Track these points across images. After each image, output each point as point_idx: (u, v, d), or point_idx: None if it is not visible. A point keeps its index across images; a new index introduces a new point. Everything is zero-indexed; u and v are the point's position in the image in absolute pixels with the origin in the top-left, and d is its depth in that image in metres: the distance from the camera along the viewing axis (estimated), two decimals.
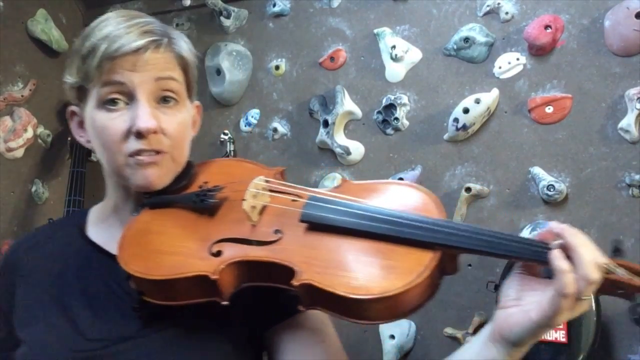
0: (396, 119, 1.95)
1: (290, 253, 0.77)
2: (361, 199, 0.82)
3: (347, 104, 2.01)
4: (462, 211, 1.88)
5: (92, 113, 0.86)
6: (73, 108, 0.92)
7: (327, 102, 2.05)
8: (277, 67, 2.15)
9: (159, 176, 0.87)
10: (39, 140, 2.30)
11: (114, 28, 0.84)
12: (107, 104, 0.85)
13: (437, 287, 0.76)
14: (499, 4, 1.86)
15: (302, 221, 0.80)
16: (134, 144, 0.84)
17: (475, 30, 1.88)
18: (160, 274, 0.79)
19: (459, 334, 1.82)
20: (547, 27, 1.78)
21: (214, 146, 2.21)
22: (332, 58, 2.07)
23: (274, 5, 2.14)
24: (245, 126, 2.20)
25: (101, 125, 0.85)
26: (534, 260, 0.73)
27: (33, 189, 2.26)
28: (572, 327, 1.58)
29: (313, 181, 2.08)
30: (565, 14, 1.79)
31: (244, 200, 0.82)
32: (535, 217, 1.80)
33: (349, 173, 2.04)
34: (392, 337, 1.90)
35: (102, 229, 0.95)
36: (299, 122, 2.12)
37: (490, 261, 1.83)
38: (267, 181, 0.88)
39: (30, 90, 2.25)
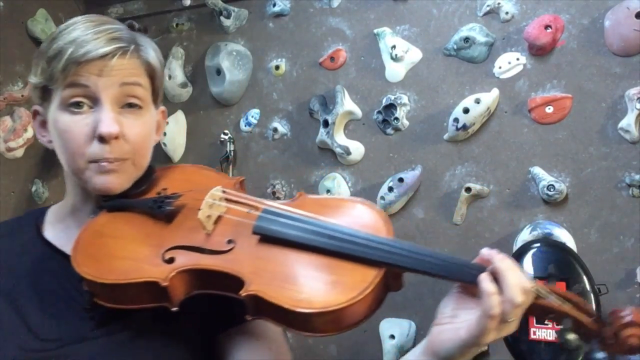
0: (396, 119, 1.95)
1: (241, 264, 0.79)
2: (315, 214, 0.84)
3: (347, 104, 2.01)
4: (462, 211, 1.88)
5: (55, 114, 0.87)
6: (36, 107, 0.93)
7: (327, 102, 2.05)
8: (277, 67, 2.15)
9: (119, 182, 0.88)
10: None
11: (82, 33, 0.85)
12: (71, 106, 0.85)
13: (380, 302, 0.79)
14: (499, 4, 1.86)
15: (255, 233, 0.82)
16: (95, 149, 0.85)
17: (475, 30, 1.88)
18: (111, 278, 0.80)
19: None
20: (547, 27, 1.78)
21: (214, 146, 2.21)
22: (332, 58, 2.07)
23: (274, 5, 2.15)
24: (245, 126, 2.20)
25: (64, 128, 0.85)
26: (466, 281, 0.77)
27: (33, 189, 2.26)
28: None
29: (313, 181, 2.08)
30: (565, 14, 1.79)
31: (199, 209, 0.84)
32: (535, 217, 1.80)
33: (349, 173, 2.04)
34: (392, 337, 1.90)
35: (59, 229, 0.95)
36: (299, 122, 2.12)
37: None
38: (224, 191, 0.89)
39: (30, 90, 2.25)
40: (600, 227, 1.73)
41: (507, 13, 1.85)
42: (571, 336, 0.77)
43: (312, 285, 0.77)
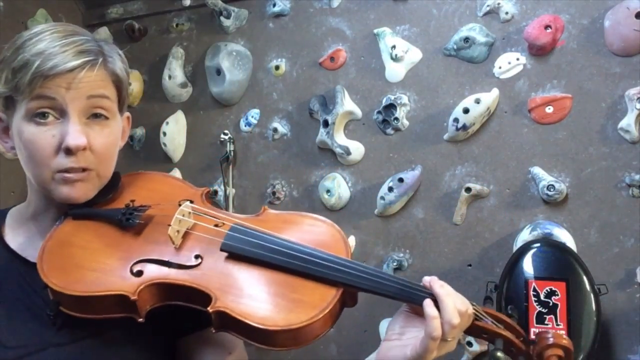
0: (396, 119, 1.95)
1: (208, 279, 0.82)
2: (279, 231, 0.88)
3: (347, 104, 2.01)
4: (462, 211, 1.88)
5: (20, 124, 0.86)
6: None
7: (327, 102, 2.05)
8: (277, 67, 2.15)
9: (83, 192, 0.88)
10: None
11: (49, 44, 0.84)
12: (37, 116, 0.85)
13: (336, 318, 0.84)
14: (499, 4, 1.86)
15: (222, 250, 0.85)
16: (62, 161, 0.85)
17: (475, 30, 1.88)
18: (79, 290, 0.81)
19: None
20: (547, 27, 1.78)
21: (214, 146, 2.21)
22: (332, 58, 2.07)
23: (274, 5, 2.14)
24: (245, 126, 2.20)
25: (29, 139, 0.85)
26: (414, 303, 0.84)
27: None
28: (572, 327, 1.58)
29: (313, 181, 2.08)
30: (565, 14, 1.79)
31: (169, 225, 0.85)
32: (535, 217, 1.80)
33: (349, 173, 2.04)
34: None
35: (19, 234, 0.94)
36: (299, 122, 2.12)
37: (490, 261, 1.83)
38: (193, 207, 0.91)
39: None
40: (600, 227, 1.73)
41: (507, 13, 1.85)
42: (500, 355, 0.90)
43: (275, 302, 0.81)
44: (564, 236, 1.72)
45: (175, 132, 2.26)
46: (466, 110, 1.83)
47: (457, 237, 1.89)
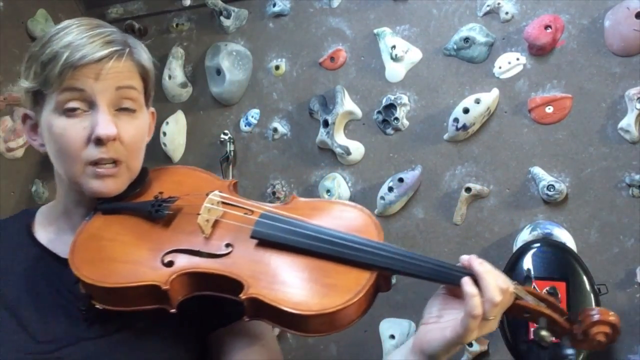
0: (396, 119, 1.95)
1: (240, 267, 0.81)
2: (309, 217, 0.87)
3: (347, 104, 2.01)
4: (462, 211, 1.88)
5: (49, 118, 0.87)
6: (26, 111, 0.92)
7: (327, 102, 2.05)
8: (277, 67, 2.15)
9: (115, 186, 0.89)
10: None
11: (76, 37, 0.85)
12: (67, 110, 0.86)
13: (371, 303, 0.83)
14: (499, 4, 1.86)
15: (253, 237, 0.84)
16: (92, 152, 0.85)
17: (475, 30, 1.88)
18: (112, 282, 0.81)
19: None
20: (547, 27, 1.78)
21: (214, 146, 2.21)
22: (332, 58, 2.07)
23: (274, 5, 2.14)
24: (245, 126, 2.20)
25: (59, 132, 0.86)
26: (451, 284, 0.82)
27: (33, 189, 2.26)
28: None
29: (313, 181, 2.08)
30: (565, 14, 1.79)
31: (199, 214, 0.85)
32: (535, 217, 1.80)
33: (349, 173, 2.04)
34: (392, 337, 1.90)
35: (50, 231, 0.95)
36: (299, 122, 2.12)
37: (490, 261, 1.82)
38: (222, 196, 0.90)
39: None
40: (600, 227, 1.73)
41: (507, 13, 1.85)
42: (545, 333, 0.83)
43: (308, 287, 0.80)
44: (564, 236, 1.72)
45: (175, 132, 2.26)
46: (466, 110, 1.83)
47: (457, 237, 1.89)
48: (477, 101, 1.83)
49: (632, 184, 1.68)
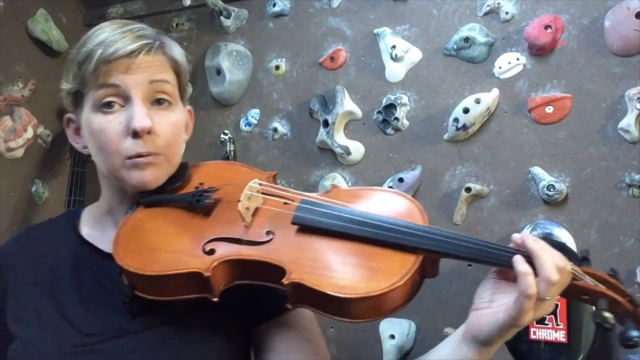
0: (396, 119, 1.96)
1: (281, 253, 0.81)
2: (350, 204, 0.86)
3: (347, 104, 2.01)
4: (462, 211, 1.88)
5: (88, 117, 0.89)
6: (69, 115, 0.95)
7: (327, 102, 2.05)
8: (277, 67, 2.15)
9: (155, 177, 0.90)
10: (39, 140, 2.30)
11: (109, 34, 0.88)
12: (103, 106, 0.88)
13: (417, 288, 0.80)
14: (499, 4, 1.86)
15: (294, 223, 0.83)
16: (130, 145, 0.87)
17: (475, 30, 1.88)
18: (154, 270, 0.82)
19: None
20: (547, 27, 1.78)
21: (214, 146, 2.21)
22: (332, 58, 2.07)
23: (274, 5, 2.15)
24: (245, 126, 2.20)
25: (98, 128, 0.88)
26: (501, 264, 0.78)
27: (33, 189, 2.26)
28: (572, 327, 1.58)
29: (313, 181, 2.08)
30: (565, 14, 1.79)
31: (239, 201, 0.85)
32: (535, 217, 1.80)
33: (349, 173, 2.04)
34: (392, 337, 1.90)
35: (95, 228, 0.97)
36: (299, 122, 2.12)
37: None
38: (261, 184, 0.90)
39: (30, 90, 2.25)
40: (600, 227, 1.73)
41: (507, 13, 1.85)
42: (607, 314, 0.78)
43: (353, 272, 0.78)
44: (564, 236, 1.72)
45: None
46: (466, 110, 1.83)
47: None
48: (477, 101, 1.83)
49: (632, 184, 1.68)
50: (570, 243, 1.71)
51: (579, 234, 1.74)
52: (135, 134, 0.86)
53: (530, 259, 0.76)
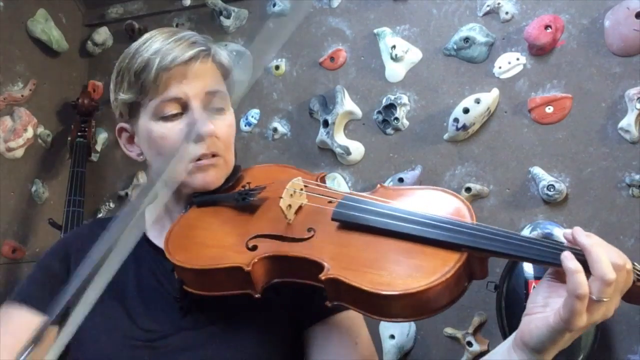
0: (396, 119, 1.96)
1: (320, 250, 0.81)
2: (395, 201, 0.85)
3: (347, 104, 2.01)
4: None
5: (148, 125, 0.93)
6: (122, 125, 0.99)
7: (327, 102, 2.05)
8: (277, 67, 2.15)
9: (217, 177, 0.94)
10: (39, 140, 2.30)
11: (163, 43, 0.91)
12: (163, 114, 0.91)
13: (463, 289, 0.78)
14: (499, 4, 1.86)
15: (333, 219, 0.84)
16: (194, 149, 0.91)
17: (475, 30, 1.88)
18: (199, 264, 0.85)
19: (459, 334, 1.82)
20: (547, 27, 1.78)
21: None
22: (332, 58, 2.07)
23: (274, 5, 2.15)
24: (245, 126, 2.20)
25: (160, 135, 0.92)
26: (551, 264, 0.73)
27: (33, 189, 2.26)
28: None
29: None
30: (565, 14, 1.79)
31: (281, 198, 0.86)
32: (535, 217, 1.80)
33: (349, 173, 2.04)
34: (392, 337, 1.90)
35: (154, 228, 1.01)
36: (299, 122, 2.12)
37: (490, 261, 1.82)
38: (305, 182, 0.92)
39: (30, 90, 2.25)
40: (600, 227, 1.73)
41: (507, 13, 1.85)
42: None
43: (392, 268, 0.76)
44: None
45: None
46: (466, 110, 1.83)
47: None
48: (477, 101, 1.83)
49: (632, 184, 1.68)
50: None
51: None
52: (199, 138, 0.90)
53: (583, 257, 0.70)
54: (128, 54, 0.94)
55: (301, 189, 0.90)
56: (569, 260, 0.69)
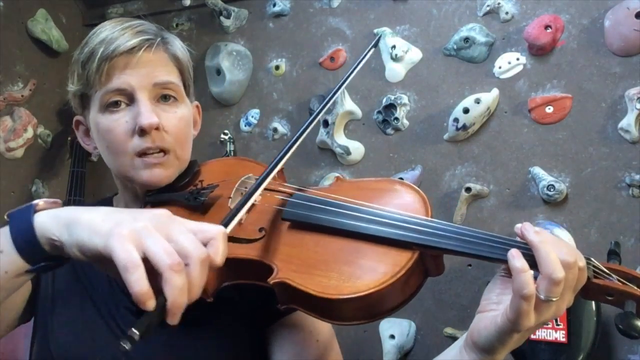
0: (396, 119, 1.95)
1: (272, 251, 0.78)
2: (349, 197, 0.82)
3: (347, 104, 2.01)
4: (462, 211, 1.88)
5: (95, 118, 0.89)
6: (78, 118, 0.95)
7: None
8: (277, 67, 2.15)
9: (165, 175, 0.90)
10: (39, 140, 2.30)
11: (109, 32, 0.88)
12: (110, 106, 0.88)
13: (417, 287, 0.74)
14: (499, 4, 1.86)
15: (284, 219, 0.81)
16: (138, 142, 0.87)
17: (475, 30, 1.88)
18: None
19: (459, 334, 1.82)
20: (547, 27, 1.78)
21: (214, 146, 2.21)
22: (332, 58, 2.07)
23: (274, 5, 2.15)
24: (245, 126, 2.20)
25: (105, 128, 0.88)
26: (500, 261, 0.70)
27: (33, 189, 2.26)
28: (572, 327, 1.58)
29: (313, 181, 2.08)
30: (565, 14, 1.79)
31: (229, 198, 0.84)
32: (535, 217, 1.80)
33: (349, 173, 2.04)
34: (392, 337, 1.90)
35: None
36: (299, 122, 2.12)
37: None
38: (255, 178, 0.87)
39: (30, 90, 2.25)
40: (600, 227, 1.73)
41: (507, 13, 1.85)
42: (637, 322, 0.67)
43: (342, 269, 0.73)
44: (564, 236, 1.72)
45: None
46: (466, 110, 1.83)
47: None
48: (477, 101, 1.83)
49: (632, 184, 1.68)
50: (570, 243, 1.71)
51: (579, 234, 1.74)
52: (143, 131, 0.86)
53: (532, 254, 0.67)
54: (82, 44, 0.91)
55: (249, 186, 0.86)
56: (515, 258, 0.66)
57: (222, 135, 2.16)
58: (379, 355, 1.94)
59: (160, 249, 0.59)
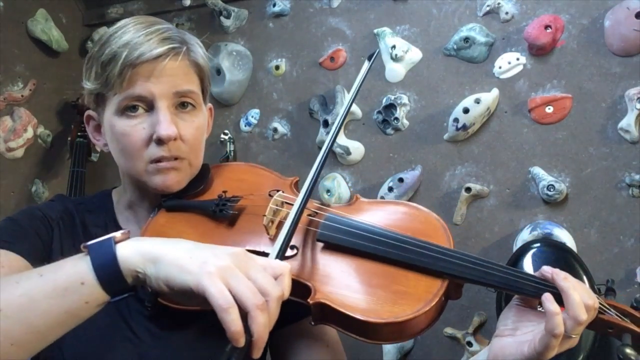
0: (396, 119, 1.95)
1: (306, 270, 0.80)
2: (376, 220, 0.84)
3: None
4: (462, 211, 1.88)
5: (111, 119, 0.88)
6: (90, 112, 0.94)
7: (327, 102, 2.05)
8: (277, 67, 2.15)
9: (177, 181, 0.90)
10: (39, 140, 2.30)
11: (134, 35, 0.86)
12: (127, 110, 0.87)
13: (441, 312, 0.80)
14: (499, 4, 1.86)
15: (319, 240, 0.82)
16: (154, 151, 0.87)
17: (475, 30, 1.88)
18: None
19: (459, 334, 1.82)
20: (547, 27, 1.78)
21: (214, 146, 2.21)
22: (332, 58, 2.07)
23: (274, 5, 2.15)
24: (245, 126, 2.20)
25: (121, 132, 0.87)
26: (529, 295, 0.79)
27: (33, 189, 2.26)
28: None
29: None
30: (565, 14, 1.79)
31: (264, 215, 0.84)
32: (535, 217, 1.80)
33: (349, 173, 2.04)
34: None
35: (120, 220, 0.97)
36: (299, 122, 2.12)
37: None
38: (285, 196, 0.89)
39: (30, 90, 2.25)
40: (600, 227, 1.73)
41: (507, 13, 1.85)
42: (630, 351, 0.78)
43: (378, 294, 0.76)
44: (564, 236, 1.72)
45: None
46: (466, 110, 1.83)
47: (457, 237, 1.89)
48: (477, 101, 1.83)
49: (632, 184, 1.68)
50: (570, 243, 1.71)
51: (579, 234, 1.74)
52: (160, 141, 0.86)
53: (556, 291, 0.76)
54: (100, 41, 0.89)
55: (282, 204, 0.88)
56: (550, 302, 0.75)
57: (222, 135, 2.16)
58: (379, 355, 1.94)
59: (245, 288, 0.63)
